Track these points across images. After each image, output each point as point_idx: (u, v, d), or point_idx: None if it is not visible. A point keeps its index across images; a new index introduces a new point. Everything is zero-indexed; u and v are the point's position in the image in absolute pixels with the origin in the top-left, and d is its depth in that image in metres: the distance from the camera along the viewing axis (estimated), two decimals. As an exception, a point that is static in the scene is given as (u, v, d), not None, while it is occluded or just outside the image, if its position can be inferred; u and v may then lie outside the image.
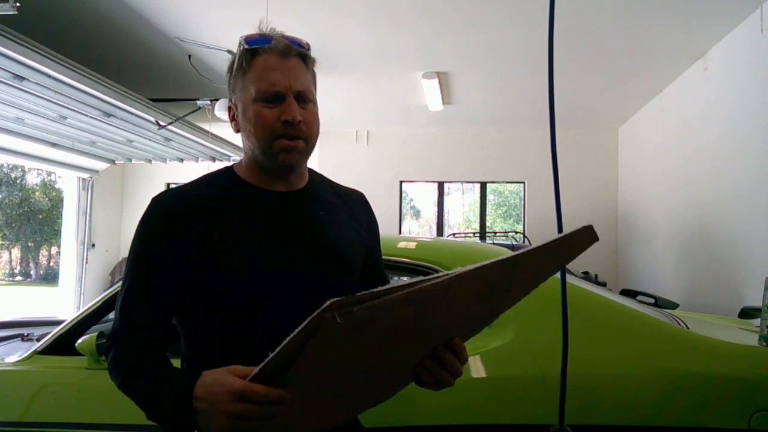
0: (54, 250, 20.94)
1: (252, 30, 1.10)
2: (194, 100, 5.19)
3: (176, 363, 1.12)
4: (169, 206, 1.06)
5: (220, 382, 0.84)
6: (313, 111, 1.10)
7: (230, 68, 1.11)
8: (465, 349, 0.94)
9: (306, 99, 1.07)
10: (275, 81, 1.04)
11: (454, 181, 8.29)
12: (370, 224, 1.24)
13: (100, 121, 4.54)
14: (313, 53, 1.14)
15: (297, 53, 1.08)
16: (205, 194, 1.09)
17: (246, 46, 1.06)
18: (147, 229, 1.07)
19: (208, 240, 1.03)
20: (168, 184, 8.45)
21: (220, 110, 4.80)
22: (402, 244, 2.00)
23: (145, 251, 1.06)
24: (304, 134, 1.06)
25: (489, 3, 3.88)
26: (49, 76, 3.50)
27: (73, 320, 2.02)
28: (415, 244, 2.05)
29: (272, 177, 1.10)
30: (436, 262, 1.87)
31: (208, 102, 5.08)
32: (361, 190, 1.28)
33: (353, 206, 1.21)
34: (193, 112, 5.20)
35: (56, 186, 19.31)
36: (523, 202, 7.76)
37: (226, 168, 1.16)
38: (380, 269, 1.25)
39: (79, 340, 1.86)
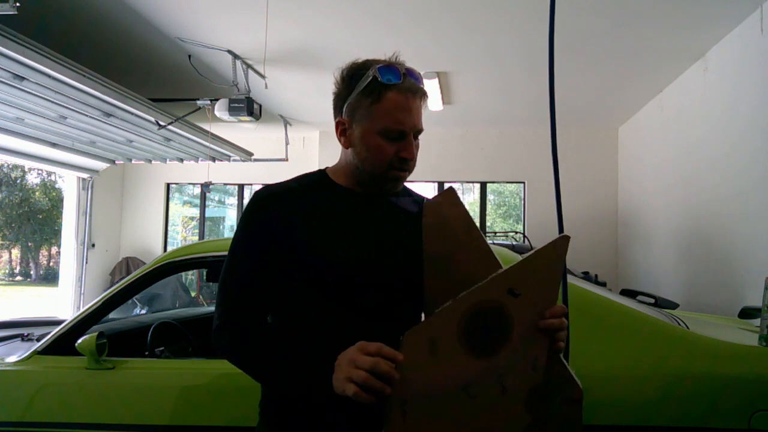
0: (54, 250, 20.94)
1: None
2: (194, 100, 5.19)
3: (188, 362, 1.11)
4: (271, 197, 1.17)
5: (353, 347, 1.01)
6: (419, 142, 1.22)
7: (347, 83, 1.19)
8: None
9: (419, 133, 1.20)
10: (402, 121, 1.14)
11: (454, 181, 8.29)
12: None
13: (100, 121, 4.54)
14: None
15: (422, 94, 1.17)
16: (303, 190, 1.20)
17: (379, 78, 1.13)
18: (251, 218, 1.17)
19: (311, 225, 1.14)
20: (168, 185, 8.45)
21: (220, 110, 4.80)
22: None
23: (250, 237, 1.16)
24: (412, 167, 1.20)
25: (489, 3, 3.88)
26: (49, 76, 3.50)
27: (73, 320, 2.03)
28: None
29: (370, 188, 1.22)
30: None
31: (208, 102, 5.08)
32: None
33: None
34: (193, 112, 5.20)
35: (56, 186, 19.32)
36: (523, 202, 7.76)
37: (320, 172, 1.27)
38: None
39: (79, 340, 1.86)
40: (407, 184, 1.34)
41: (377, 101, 1.14)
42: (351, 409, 1.03)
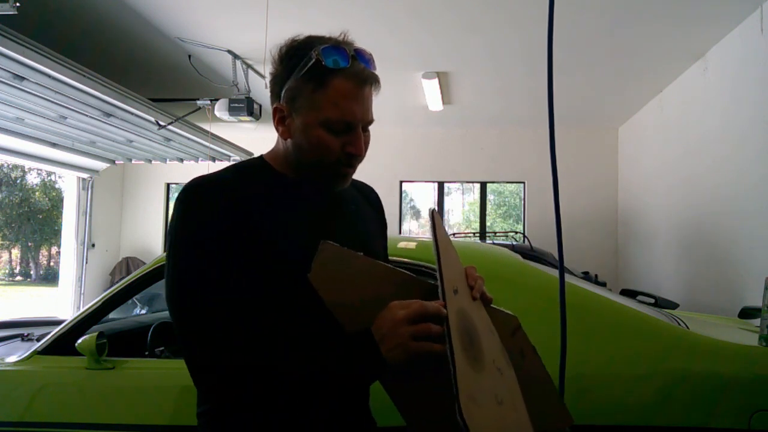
0: (54, 250, 20.95)
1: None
2: (194, 100, 5.19)
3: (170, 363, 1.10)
4: (214, 191, 1.00)
5: (386, 309, 0.91)
6: (369, 134, 1.07)
7: (285, 64, 1.03)
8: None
9: (369, 125, 1.06)
10: (349, 112, 1.00)
11: (454, 181, 8.29)
12: (383, 216, 1.31)
13: (100, 121, 4.54)
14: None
15: (373, 81, 1.04)
16: (243, 183, 1.04)
17: (323, 62, 0.98)
18: (201, 213, 0.98)
19: (257, 224, 0.99)
20: (168, 185, 8.45)
21: (220, 110, 4.80)
22: (402, 244, 2.00)
23: (205, 238, 0.97)
24: (359, 161, 1.07)
25: (489, 3, 3.88)
26: (49, 76, 3.50)
27: (73, 320, 2.02)
28: (415, 244, 2.05)
29: (312, 179, 1.09)
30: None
31: (208, 102, 5.08)
32: (372, 187, 1.34)
33: (372, 200, 1.28)
34: (193, 112, 5.20)
35: (56, 186, 19.33)
36: (523, 202, 7.76)
37: (259, 159, 1.12)
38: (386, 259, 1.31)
39: (79, 340, 1.86)
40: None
41: (321, 88, 0.99)
42: (333, 410, 0.99)
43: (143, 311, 6.23)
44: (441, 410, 0.95)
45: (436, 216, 1.01)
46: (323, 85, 0.99)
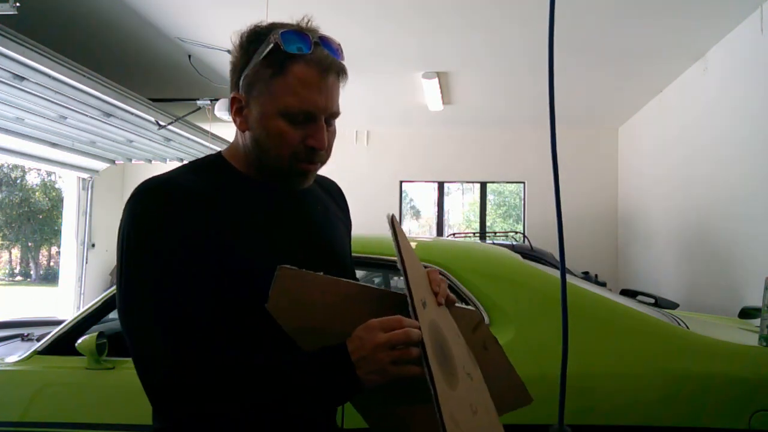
0: (54, 250, 20.95)
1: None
2: (194, 100, 5.19)
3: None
4: (168, 195, 0.90)
5: (364, 329, 0.84)
6: (334, 129, 0.99)
7: (245, 50, 0.96)
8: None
9: (334, 118, 0.98)
10: (310, 101, 0.92)
11: (454, 181, 8.29)
12: (349, 215, 1.21)
13: (100, 121, 4.54)
14: None
15: (337, 69, 0.96)
16: (201, 184, 0.94)
17: (282, 47, 0.91)
18: (152, 221, 0.88)
19: (216, 231, 0.90)
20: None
21: (220, 110, 4.80)
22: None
23: (165, 242, 0.88)
24: (323, 158, 0.98)
25: (489, 3, 3.88)
26: (49, 76, 3.50)
27: (73, 320, 2.02)
28: (415, 244, 2.05)
29: (273, 180, 1.00)
30: (437, 262, 1.87)
31: (208, 102, 5.08)
32: (334, 181, 1.23)
33: (336, 198, 1.18)
34: (193, 112, 5.20)
35: (56, 186, 19.33)
36: (523, 202, 7.76)
37: (216, 156, 1.03)
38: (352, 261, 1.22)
39: (79, 340, 1.86)
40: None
41: (279, 75, 0.91)
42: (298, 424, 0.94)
43: (143, 311, 6.21)
44: (405, 414, 0.97)
45: (396, 222, 0.92)
46: (282, 71, 0.91)
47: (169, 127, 4.84)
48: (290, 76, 0.91)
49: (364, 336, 0.83)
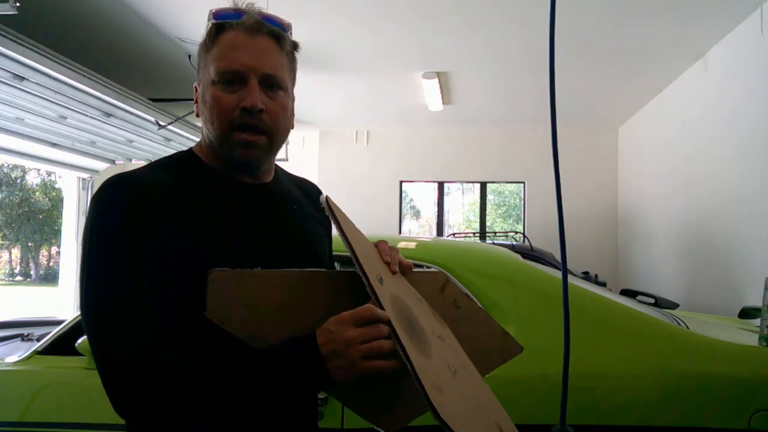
0: (54, 250, 20.96)
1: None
2: (194, 100, 5.19)
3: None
4: (137, 190, 0.88)
5: (335, 322, 0.81)
6: (283, 101, 0.96)
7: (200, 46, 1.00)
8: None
9: (274, 84, 0.95)
10: (235, 59, 0.91)
11: (454, 181, 8.29)
12: (326, 217, 1.19)
13: (100, 121, 4.54)
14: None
15: (269, 31, 0.95)
16: (170, 180, 0.92)
17: (213, 21, 0.95)
18: (117, 219, 0.86)
19: (184, 230, 0.88)
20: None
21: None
22: (402, 245, 2.00)
23: (125, 240, 0.85)
24: (267, 127, 0.94)
25: (489, 3, 3.88)
26: (49, 76, 3.49)
27: (73, 320, 2.03)
28: (415, 244, 2.05)
29: (235, 168, 0.98)
30: (437, 262, 1.87)
31: (208, 102, 5.07)
32: (314, 183, 1.21)
33: (314, 198, 1.13)
34: (193, 112, 5.20)
35: (56, 186, 19.33)
36: (523, 202, 7.76)
37: (187, 152, 1.02)
38: (332, 261, 1.20)
39: (79, 340, 1.86)
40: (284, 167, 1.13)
41: (212, 47, 0.94)
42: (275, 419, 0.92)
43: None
44: (386, 390, 0.92)
45: (332, 203, 0.90)
46: (214, 42, 0.94)
47: (169, 127, 4.84)
48: (220, 44, 0.93)
49: (335, 330, 0.80)
